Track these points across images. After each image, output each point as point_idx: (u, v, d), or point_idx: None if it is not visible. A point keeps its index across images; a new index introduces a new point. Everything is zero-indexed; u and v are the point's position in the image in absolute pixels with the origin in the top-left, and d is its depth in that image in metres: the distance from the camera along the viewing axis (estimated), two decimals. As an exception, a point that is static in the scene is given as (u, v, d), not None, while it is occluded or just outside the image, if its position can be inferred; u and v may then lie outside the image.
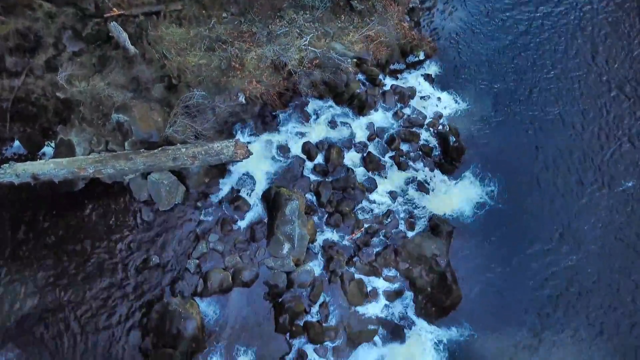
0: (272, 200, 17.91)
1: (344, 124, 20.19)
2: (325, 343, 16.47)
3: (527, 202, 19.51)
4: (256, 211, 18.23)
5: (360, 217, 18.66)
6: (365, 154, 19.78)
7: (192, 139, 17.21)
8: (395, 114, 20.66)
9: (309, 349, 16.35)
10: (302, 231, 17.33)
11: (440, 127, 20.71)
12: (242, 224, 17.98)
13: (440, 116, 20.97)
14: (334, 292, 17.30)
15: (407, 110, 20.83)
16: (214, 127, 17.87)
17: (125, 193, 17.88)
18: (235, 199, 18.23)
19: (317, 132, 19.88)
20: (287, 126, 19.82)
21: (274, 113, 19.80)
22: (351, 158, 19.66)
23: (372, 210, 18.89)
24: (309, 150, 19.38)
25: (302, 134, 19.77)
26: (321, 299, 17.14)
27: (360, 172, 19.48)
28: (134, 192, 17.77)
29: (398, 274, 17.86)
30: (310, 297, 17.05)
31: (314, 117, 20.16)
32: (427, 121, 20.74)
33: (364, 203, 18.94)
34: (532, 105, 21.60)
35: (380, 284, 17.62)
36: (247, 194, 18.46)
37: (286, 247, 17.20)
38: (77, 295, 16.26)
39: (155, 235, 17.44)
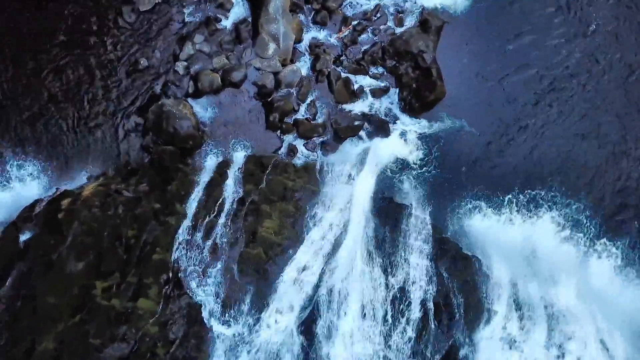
0: (255, -3, 17.16)
1: None
2: (314, 138, 17.45)
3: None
4: (240, 9, 17.65)
5: (348, 13, 18.03)
6: (356, -61, 18.16)
7: None
8: None
9: (299, 143, 17.38)
10: (288, 30, 17.00)
11: None
12: (227, 23, 17.58)
13: None
14: (322, 91, 17.75)
15: None
16: None
17: (102, -9, 17.16)
18: (216, -4, 17.47)
19: None
20: None
21: None
22: (340, -55, 18.08)
23: (360, 5, 18.18)
24: (293, -62, 17.74)
25: None
26: (309, 98, 17.66)
27: (349, -38, 18.16)
28: (110, -9, 17.04)
29: (384, 72, 18.01)
30: (299, 96, 17.58)
31: None
32: None
33: (352, -2, 18.13)
34: None
35: (366, 82, 17.90)
36: (229, -11, 17.60)
37: (272, 47, 17.08)
38: (72, 97, 16.81)
39: (139, 37, 17.27)
